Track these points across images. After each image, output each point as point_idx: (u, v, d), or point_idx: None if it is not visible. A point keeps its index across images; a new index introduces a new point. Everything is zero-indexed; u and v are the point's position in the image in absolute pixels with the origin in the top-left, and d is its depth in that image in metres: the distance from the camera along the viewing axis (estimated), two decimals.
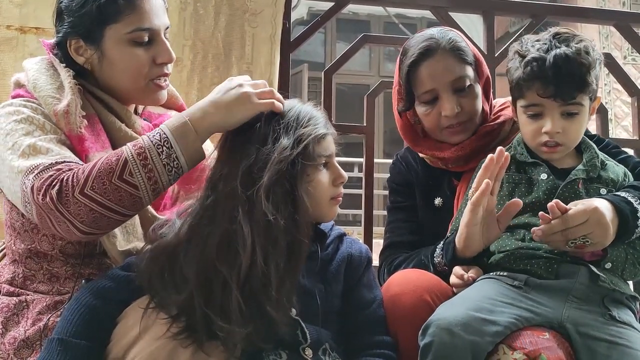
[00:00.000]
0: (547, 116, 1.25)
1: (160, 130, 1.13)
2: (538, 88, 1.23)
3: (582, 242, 1.14)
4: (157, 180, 1.11)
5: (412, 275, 1.26)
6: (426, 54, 1.41)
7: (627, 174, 1.31)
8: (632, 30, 2.26)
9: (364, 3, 2.38)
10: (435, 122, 1.44)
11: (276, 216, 1.04)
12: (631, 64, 6.29)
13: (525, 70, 1.24)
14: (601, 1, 6.52)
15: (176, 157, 1.11)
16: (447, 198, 1.50)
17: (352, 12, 7.69)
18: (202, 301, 1.01)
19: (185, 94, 1.83)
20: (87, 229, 1.10)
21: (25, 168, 1.11)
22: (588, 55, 1.23)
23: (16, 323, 1.16)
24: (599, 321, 1.13)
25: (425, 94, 1.43)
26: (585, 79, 1.22)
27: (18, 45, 1.83)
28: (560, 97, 1.22)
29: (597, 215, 1.14)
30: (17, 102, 1.23)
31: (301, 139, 1.11)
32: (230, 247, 1.04)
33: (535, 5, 2.31)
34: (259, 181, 1.06)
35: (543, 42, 1.25)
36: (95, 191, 1.07)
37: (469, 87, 1.42)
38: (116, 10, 1.23)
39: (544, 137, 1.26)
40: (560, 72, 1.20)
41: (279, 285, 1.03)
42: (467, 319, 1.06)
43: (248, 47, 1.96)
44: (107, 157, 1.11)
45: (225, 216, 1.06)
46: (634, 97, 2.23)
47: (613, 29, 2.33)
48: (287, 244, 1.06)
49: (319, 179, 1.15)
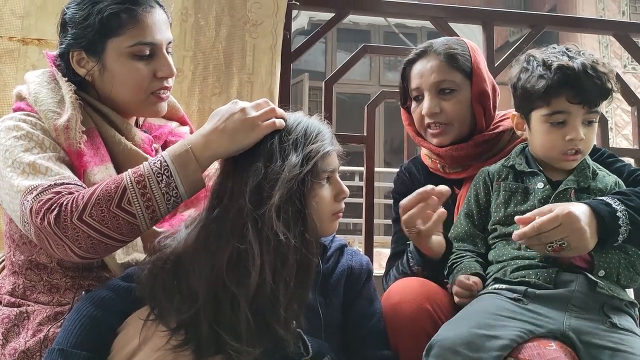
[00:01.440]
0: (571, 124, 1.27)
1: (162, 157, 1.12)
2: (568, 94, 1.25)
3: (559, 245, 1.16)
4: (155, 209, 1.10)
5: (412, 283, 1.26)
6: (420, 55, 1.53)
7: (618, 183, 1.32)
8: (632, 40, 2.27)
9: (364, 13, 2.39)
10: (419, 119, 1.54)
11: (287, 235, 1.03)
12: (631, 73, 6.30)
13: (554, 78, 1.25)
14: (601, 10, 6.54)
15: (175, 186, 1.11)
16: (449, 206, 1.51)
17: (352, 22, 7.72)
18: (210, 317, 1.00)
19: (185, 105, 1.84)
20: (84, 253, 1.10)
21: (24, 188, 1.11)
22: (607, 65, 1.28)
23: (16, 334, 1.16)
24: (600, 329, 1.13)
25: (412, 90, 1.53)
26: (607, 87, 1.26)
27: (20, 56, 1.84)
28: (587, 103, 1.25)
29: (570, 220, 1.15)
30: (17, 116, 1.23)
31: (310, 156, 1.10)
32: (240, 265, 1.03)
33: (534, 15, 2.33)
34: (268, 200, 1.04)
35: (560, 54, 1.29)
36: (94, 218, 1.07)
37: (453, 91, 1.49)
38: (119, 23, 1.24)
39: (568, 145, 1.27)
40: (590, 78, 1.24)
41: (287, 305, 1.02)
42: (470, 337, 1.06)
43: (249, 57, 1.97)
44: (107, 183, 1.11)
45: (234, 233, 1.04)
46: (634, 107, 2.24)
47: (613, 38, 2.34)
48: (296, 263, 1.05)
49: (322, 195, 1.14)
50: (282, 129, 1.13)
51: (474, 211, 1.37)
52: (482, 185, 1.38)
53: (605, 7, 6.57)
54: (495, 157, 1.49)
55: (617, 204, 1.20)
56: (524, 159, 1.36)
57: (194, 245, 1.07)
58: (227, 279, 1.01)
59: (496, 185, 1.36)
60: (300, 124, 1.15)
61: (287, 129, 1.13)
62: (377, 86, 7.57)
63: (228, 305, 1.01)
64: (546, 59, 1.28)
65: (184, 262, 1.06)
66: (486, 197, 1.37)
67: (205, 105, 1.91)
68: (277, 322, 1.01)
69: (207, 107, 1.91)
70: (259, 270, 1.01)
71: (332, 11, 2.14)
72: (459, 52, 1.49)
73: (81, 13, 1.25)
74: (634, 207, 1.20)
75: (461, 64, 1.49)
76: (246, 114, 1.12)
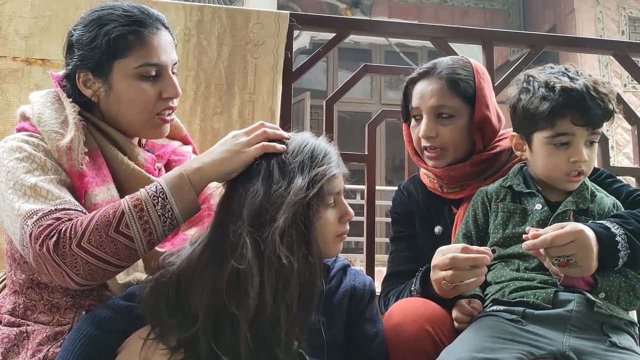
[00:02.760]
0: (575, 145, 1.27)
1: (157, 182, 1.15)
2: (573, 116, 1.25)
3: (566, 260, 1.16)
4: (152, 232, 1.12)
5: (413, 304, 1.26)
6: (423, 75, 1.50)
7: (616, 205, 1.32)
8: (631, 60, 2.28)
9: (365, 34, 2.41)
10: (417, 139, 1.52)
11: (290, 259, 1.02)
12: (631, 92, 6.33)
13: (559, 99, 1.25)
14: (600, 30, 6.59)
15: (171, 207, 1.13)
16: (447, 226, 1.52)
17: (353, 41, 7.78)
18: (210, 336, 1.00)
19: (187, 124, 1.85)
20: (82, 280, 1.11)
21: (24, 212, 1.12)
22: (605, 86, 1.28)
23: (16, 354, 1.15)
24: (600, 348, 1.13)
25: (413, 109, 1.51)
26: (610, 108, 1.27)
27: (24, 76, 1.85)
28: (592, 125, 1.26)
29: (583, 237, 1.15)
30: (20, 136, 1.24)
31: (316, 180, 1.09)
32: (239, 286, 1.02)
33: (534, 35, 2.34)
34: (269, 223, 1.04)
35: (560, 75, 1.29)
36: (92, 244, 1.08)
37: (451, 117, 1.46)
38: (126, 45, 1.26)
39: (572, 167, 1.27)
40: (594, 100, 1.25)
41: (289, 328, 1.01)
42: None
43: (250, 77, 1.98)
44: (106, 209, 1.12)
45: (234, 254, 1.04)
46: (634, 126, 2.24)
47: (612, 57, 2.35)
48: (299, 286, 1.03)
49: (327, 217, 1.13)
50: (284, 151, 1.13)
51: (472, 232, 1.37)
52: (480, 206, 1.38)
53: (604, 27, 6.62)
54: (493, 176, 1.49)
55: (616, 228, 1.20)
56: (522, 179, 1.36)
57: (196, 263, 1.06)
58: (227, 299, 1.01)
59: (494, 206, 1.35)
60: (307, 146, 1.14)
61: (293, 150, 1.13)
62: (378, 105, 7.61)
63: (228, 325, 1.00)
64: (548, 81, 1.28)
65: (187, 280, 1.05)
66: (484, 217, 1.37)
67: (207, 125, 1.92)
68: (277, 345, 1.00)
69: (208, 127, 1.92)
70: (258, 291, 1.00)
71: (333, 31, 2.15)
72: (462, 77, 1.47)
73: (88, 35, 1.26)
74: (633, 231, 1.20)
75: (462, 90, 1.46)
76: (236, 139, 1.16)
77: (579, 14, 6.60)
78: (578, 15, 6.60)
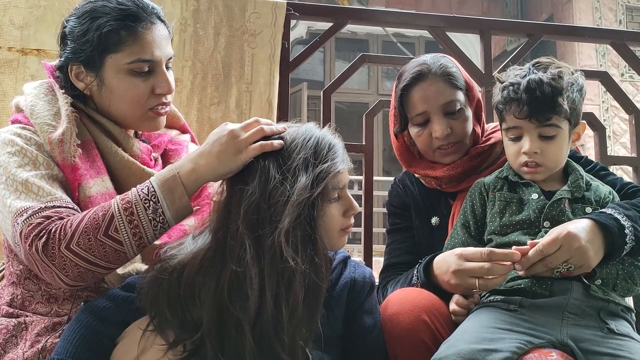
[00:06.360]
0: (524, 138, 1.31)
1: (149, 183, 1.12)
2: (514, 110, 1.30)
3: (567, 269, 1.18)
4: (142, 236, 1.10)
5: (410, 294, 1.26)
6: (418, 78, 1.47)
7: (612, 192, 1.35)
8: (628, 49, 2.28)
9: (362, 23, 2.40)
10: (427, 143, 1.50)
11: (297, 260, 1.00)
12: (628, 82, 6.32)
13: (502, 95, 1.32)
14: (597, 19, 6.57)
15: (162, 212, 1.10)
16: (444, 217, 1.53)
17: (350, 31, 7.76)
18: (216, 340, 0.98)
19: (184, 114, 1.84)
20: (72, 281, 1.10)
21: (15, 210, 1.12)
22: (561, 79, 1.28)
23: (14, 345, 1.16)
24: (598, 335, 1.14)
25: (417, 116, 1.48)
26: (557, 101, 1.27)
27: (19, 67, 1.84)
28: (535, 117, 1.28)
29: (569, 240, 1.15)
30: (12, 129, 1.23)
31: (320, 177, 1.06)
32: (241, 288, 1.00)
33: (531, 25, 2.33)
34: (270, 224, 1.01)
35: (523, 70, 1.33)
36: (81, 247, 1.07)
37: (459, 110, 1.48)
38: (118, 40, 1.24)
39: (523, 158, 1.32)
40: (534, 94, 1.27)
41: (293, 331, 0.99)
42: (470, 353, 1.06)
43: (247, 67, 1.97)
44: (95, 210, 1.10)
45: (232, 256, 1.02)
46: (632, 115, 2.24)
47: (610, 47, 2.35)
48: (304, 288, 1.01)
49: (331, 212, 1.11)
50: (281, 147, 1.09)
51: (470, 222, 1.38)
52: (477, 196, 1.40)
53: (602, 16, 6.60)
54: (489, 168, 1.51)
55: (624, 220, 1.20)
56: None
57: (198, 266, 1.04)
58: (230, 301, 0.99)
59: (491, 196, 1.37)
60: (311, 140, 1.10)
61: (296, 145, 1.10)
62: (376, 95, 7.62)
63: (232, 327, 0.99)
64: (505, 78, 1.34)
65: (189, 280, 1.03)
66: (482, 207, 1.38)
67: (204, 115, 1.92)
68: (281, 347, 0.98)
69: (205, 117, 1.92)
70: (258, 293, 0.98)
71: (331, 21, 2.14)
72: (453, 71, 1.48)
73: (80, 28, 1.25)
74: (634, 219, 1.21)
75: (458, 82, 1.48)
76: (233, 137, 1.11)
77: (576, 3, 6.58)
78: (575, 5, 6.58)
